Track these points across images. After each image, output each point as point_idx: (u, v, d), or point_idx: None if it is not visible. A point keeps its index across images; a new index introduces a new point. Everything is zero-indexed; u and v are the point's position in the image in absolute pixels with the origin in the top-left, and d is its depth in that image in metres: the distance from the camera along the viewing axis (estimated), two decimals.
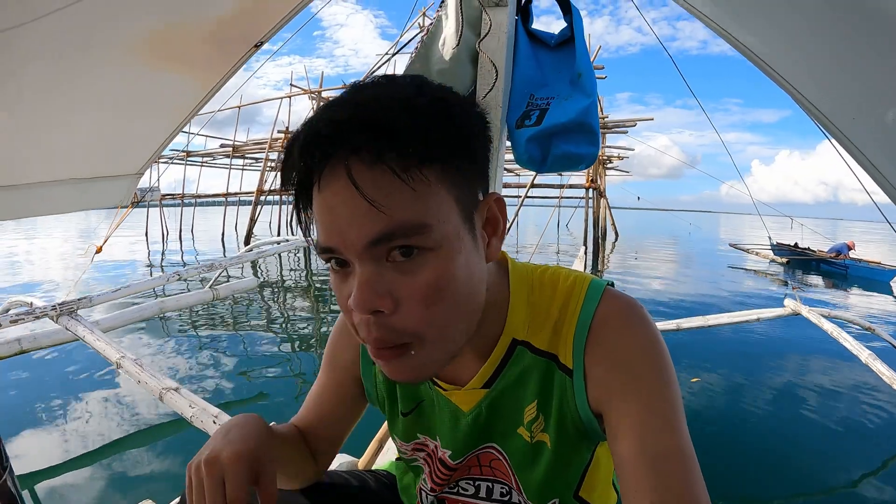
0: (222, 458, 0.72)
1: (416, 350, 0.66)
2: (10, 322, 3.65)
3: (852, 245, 17.45)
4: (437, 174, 0.62)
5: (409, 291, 0.63)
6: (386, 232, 0.60)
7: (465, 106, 0.68)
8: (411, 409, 0.94)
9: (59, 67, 1.38)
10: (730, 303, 10.64)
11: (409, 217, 0.60)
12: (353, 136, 0.58)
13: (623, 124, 20.15)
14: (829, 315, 4.54)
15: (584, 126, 1.67)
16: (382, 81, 0.66)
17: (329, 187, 0.61)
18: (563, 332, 0.78)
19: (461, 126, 0.65)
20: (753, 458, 3.90)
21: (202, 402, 2.63)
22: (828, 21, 0.99)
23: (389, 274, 0.63)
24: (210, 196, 31.04)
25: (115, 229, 3.17)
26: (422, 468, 0.98)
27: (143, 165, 2.14)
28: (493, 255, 0.73)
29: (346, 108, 0.60)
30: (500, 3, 1.65)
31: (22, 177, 1.69)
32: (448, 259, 0.63)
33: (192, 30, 1.51)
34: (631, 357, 0.73)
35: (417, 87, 0.65)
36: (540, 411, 0.82)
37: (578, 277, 0.81)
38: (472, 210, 0.68)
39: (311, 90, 21.54)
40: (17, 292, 10.09)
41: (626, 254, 22.12)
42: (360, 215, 0.59)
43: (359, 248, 0.61)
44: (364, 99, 0.61)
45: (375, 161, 0.58)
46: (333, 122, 0.59)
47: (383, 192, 0.59)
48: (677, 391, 0.72)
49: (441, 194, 0.63)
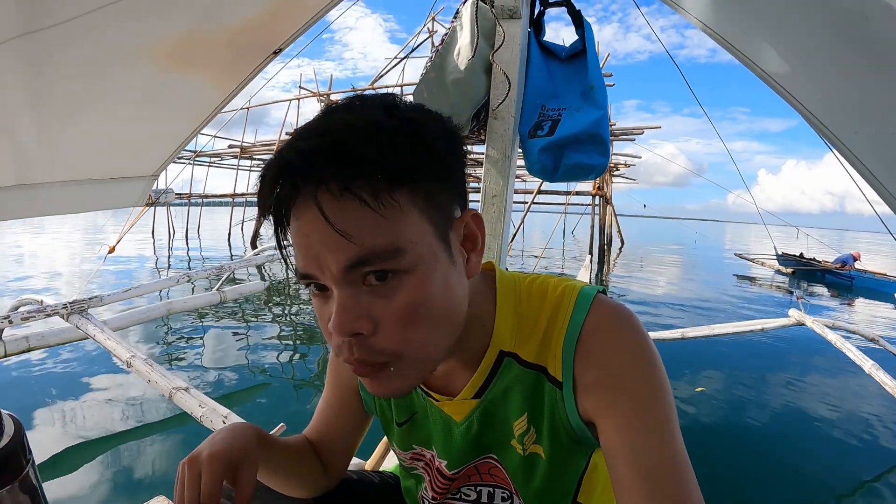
0: (202, 457, 0.76)
1: (394, 367, 0.67)
2: (21, 319, 3.68)
3: (858, 256, 17.35)
4: (407, 197, 0.62)
5: (386, 313, 0.64)
6: (358, 259, 0.61)
7: (436, 124, 0.68)
8: (405, 419, 0.95)
9: (84, 69, 1.40)
10: (734, 312, 10.59)
11: (380, 243, 0.61)
12: (319, 166, 0.59)
13: (631, 132, 20.09)
14: (833, 325, 4.54)
15: (596, 137, 1.70)
16: (355, 103, 0.67)
17: (302, 217, 0.62)
18: (551, 344, 0.77)
19: (432, 146, 0.65)
20: (756, 466, 3.90)
21: (212, 402, 2.65)
22: (832, 36, 1.01)
23: (366, 297, 0.64)
24: (217, 196, 31.05)
25: (128, 229, 3.19)
26: (422, 476, 0.99)
27: (159, 167, 2.16)
28: (474, 270, 0.73)
29: (313, 138, 0.61)
30: (514, 16, 1.68)
31: (41, 176, 1.71)
32: (424, 279, 0.64)
33: (214, 36, 1.53)
34: (620, 366, 0.72)
35: (387, 108, 0.65)
36: (531, 424, 0.81)
37: (567, 287, 0.80)
38: (448, 228, 0.69)
39: (319, 93, 21.56)
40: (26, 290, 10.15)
41: (631, 261, 22.05)
42: (333, 244, 0.61)
43: (335, 274, 0.62)
44: (331, 125, 0.62)
45: (343, 191, 0.59)
46: (301, 152, 0.60)
47: (352, 221, 0.60)
48: (669, 398, 0.72)
49: (413, 216, 0.63)
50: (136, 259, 16.70)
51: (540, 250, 15.52)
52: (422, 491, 0.99)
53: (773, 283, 16.12)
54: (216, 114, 1.92)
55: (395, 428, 0.97)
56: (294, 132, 0.66)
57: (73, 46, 1.28)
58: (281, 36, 1.65)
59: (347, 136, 0.60)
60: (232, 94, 1.84)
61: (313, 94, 21.83)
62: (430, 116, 0.68)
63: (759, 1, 1.12)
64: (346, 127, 0.61)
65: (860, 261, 17.26)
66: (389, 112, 0.64)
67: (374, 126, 0.61)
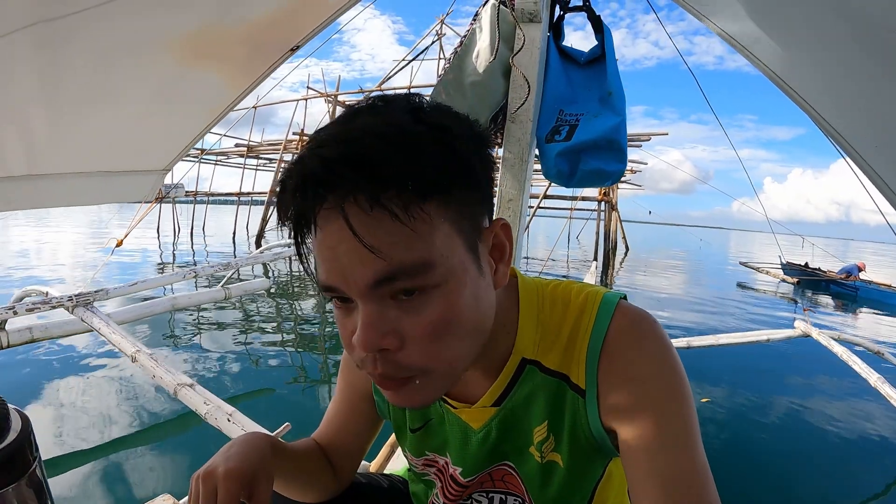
0: (218, 473, 0.76)
1: (419, 381, 0.66)
2: (27, 310, 3.68)
3: (863, 266, 17.30)
4: (438, 208, 0.60)
5: (414, 329, 0.62)
6: (387, 274, 0.59)
7: (465, 129, 0.65)
8: (419, 426, 0.94)
9: (98, 61, 1.39)
10: (739, 321, 10.58)
11: (410, 258, 0.59)
12: (347, 178, 0.56)
13: (637, 138, 20.11)
14: (838, 338, 4.52)
15: (613, 143, 1.69)
16: (378, 105, 0.64)
17: (327, 227, 0.60)
18: (575, 352, 0.77)
19: (462, 154, 0.62)
20: (760, 477, 3.88)
21: (217, 399, 2.63)
22: (850, 44, 0.99)
23: (393, 312, 0.62)
24: (223, 195, 31.16)
25: (137, 223, 3.19)
26: (433, 482, 0.98)
27: (170, 162, 2.15)
28: (501, 281, 0.72)
29: (339, 145, 0.58)
30: (534, 20, 1.67)
31: (53, 166, 1.71)
32: (454, 293, 0.63)
33: (232, 31, 1.52)
34: (644, 374, 0.72)
35: (413, 111, 0.62)
36: (551, 432, 0.81)
37: (591, 293, 0.79)
38: (477, 239, 0.67)
39: (326, 94, 21.61)
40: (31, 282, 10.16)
41: (635, 267, 22.05)
42: (361, 258, 0.58)
43: (361, 288, 0.60)
44: (357, 132, 0.58)
45: (373, 205, 0.56)
46: (325, 161, 0.57)
47: (382, 236, 0.57)
48: (692, 407, 0.71)
49: (443, 228, 0.61)
50: (140, 255, 16.74)
51: (545, 254, 15.65)
52: (432, 497, 0.98)
53: (777, 292, 16.07)
54: (229, 110, 1.92)
55: (408, 434, 0.96)
56: (315, 136, 0.63)
57: (88, 37, 1.27)
58: (299, 33, 1.64)
59: (374, 144, 0.57)
60: (246, 91, 1.83)
61: (321, 95, 21.91)
62: (457, 120, 0.66)
63: (780, 9, 1.11)
64: (372, 134, 0.58)
65: (865, 271, 17.21)
66: (416, 116, 0.61)
67: (401, 133, 0.58)
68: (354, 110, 0.64)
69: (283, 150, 23.54)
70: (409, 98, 0.66)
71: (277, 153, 24.71)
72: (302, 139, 22.27)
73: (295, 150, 23.13)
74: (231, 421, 2.50)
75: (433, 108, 0.65)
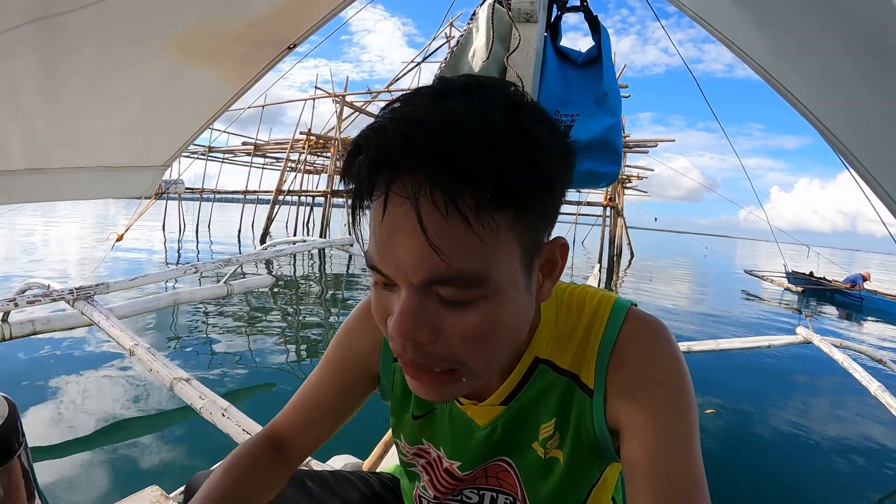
0: None
1: (447, 376, 0.65)
2: (27, 303, 3.69)
3: (868, 276, 17.25)
4: (508, 221, 0.58)
5: (451, 330, 0.61)
6: (443, 278, 0.57)
7: (555, 142, 0.61)
8: (423, 413, 0.92)
9: (98, 57, 1.40)
10: (742, 328, 10.57)
11: (470, 268, 0.57)
12: (427, 166, 0.53)
13: (644, 144, 20.10)
14: (840, 345, 4.51)
15: (608, 145, 1.69)
16: (473, 89, 0.59)
17: (392, 210, 0.57)
18: (586, 353, 0.77)
19: (546, 169, 0.58)
20: (757, 483, 3.87)
21: (212, 395, 2.64)
22: (853, 50, 0.99)
23: (434, 307, 0.60)
24: (229, 192, 31.25)
25: (137, 218, 3.19)
26: (418, 475, 0.97)
27: (170, 158, 2.16)
28: (544, 296, 0.70)
29: (427, 128, 0.54)
30: (531, 20, 1.67)
31: (53, 161, 1.71)
32: (499, 306, 0.61)
33: (227, 28, 1.52)
34: (652, 378, 0.72)
35: (510, 109, 0.58)
36: (557, 429, 0.81)
37: (604, 297, 0.80)
38: (535, 255, 0.65)
39: (335, 94, 21.66)
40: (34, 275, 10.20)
41: (640, 274, 22.02)
42: (421, 253, 0.56)
43: (412, 281, 0.59)
44: (447, 118, 0.54)
45: (448, 205, 0.54)
46: (410, 143, 0.53)
47: (450, 240, 0.55)
48: (695, 415, 0.72)
49: (508, 243, 0.59)
50: (145, 251, 16.81)
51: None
52: (419, 489, 0.97)
53: (781, 301, 16.03)
54: (228, 107, 1.92)
55: (407, 420, 0.94)
56: (401, 105, 0.58)
57: (89, 33, 1.28)
58: (295, 32, 1.64)
59: (463, 139, 0.53)
60: (244, 88, 1.84)
61: (328, 95, 21.96)
62: (550, 129, 0.61)
63: (785, 18, 1.11)
64: (463, 126, 0.54)
65: (870, 281, 17.16)
66: (512, 117, 0.57)
67: (493, 133, 0.54)
68: (448, 87, 0.60)
69: (290, 149, 23.58)
70: (506, 90, 0.62)
71: (284, 152, 24.76)
72: (309, 138, 22.31)
73: (302, 150, 23.18)
74: (226, 416, 2.50)
75: (531, 110, 0.60)
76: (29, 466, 0.64)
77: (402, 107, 0.58)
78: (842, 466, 4.37)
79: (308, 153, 23.62)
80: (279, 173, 24.27)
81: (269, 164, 31.56)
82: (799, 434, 4.94)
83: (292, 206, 29.81)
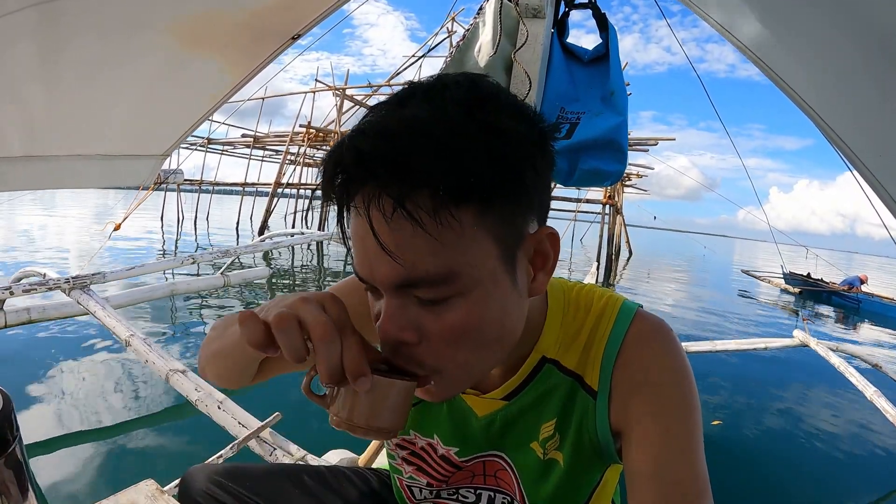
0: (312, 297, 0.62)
1: (435, 382, 0.66)
2: (23, 291, 3.68)
3: (865, 279, 17.29)
4: (473, 215, 0.57)
5: (433, 329, 0.62)
6: (407, 281, 0.58)
7: (523, 132, 0.61)
8: (418, 400, 0.89)
9: (98, 44, 1.39)
10: (738, 329, 10.57)
11: (432, 269, 0.57)
12: (375, 174, 0.55)
13: (645, 142, 20.08)
14: (836, 349, 4.52)
15: (613, 143, 1.68)
16: (436, 88, 0.60)
17: (357, 219, 0.60)
18: (591, 354, 0.77)
19: (511, 161, 0.58)
20: (752, 486, 3.87)
21: (208, 387, 2.64)
22: (864, 57, 0.98)
23: (415, 308, 0.62)
24: (228, 184, 31.23)
25: (135, 208, 3.19)
26: (398, 469, 0.97)
27: (169, 148, 2.14)
28: (539, 290, 0.69)
29: (376, 138, 0.55)
30: (538, 15, 1.66)
31: (52, 149, 1.70)
32: (478, 303, 0.61)
33: (232, 17, 1.51)
34: (657, 381, 0.72)
35: (469, 107, 0.58)
36: (557, 430, 0.80)
37: (611, 298, 0.80)
38: (517, 248, 0.64)
39: (335, 87, 21.60)
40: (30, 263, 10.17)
41: (638, 272, 22.04)
42: (383, 259, 0.58)
43: (385, 286, 0.60)
44: (399, 125, 0.55)
45: (395, 208, 0.54)
46: (359, 153, 0.55)
47: (403, 243, 0.56)
48: (699, 419, 0.72)
49: (477, 237, 0.58)
50: (144, 241, 16.78)
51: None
52: (405, 480, 0.97)
53: (778, 303, 16.04)
54: (229, 97, 1.90)
55: None
56: (363, 119, 0.60)
57: (89, 19, 1.26)
58: (300, 21, 1.63)
59: (413, 142, 0.54)
60: (246, 78, 1.82)
61: (329, 88, 21.89)
62: (517, 120, 0.61)
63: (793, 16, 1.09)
64: (414, 129, 0.55)
65: (867, 283, 17.18)
66: (471, 113, 0.57)
67: (447, 131, 0.55)
68: (411, 90, 0.61)
69: (290, 142, 23.53)
70: (472, 85, 0.61)
71: (284, 145, 24.71)
72: (308, 131, 22.26)
73: (301, 143, 23.14)
74: (221, 408, 2.50)
75: (494, 103, 0.60)
76: (23, 460, 0.63)
77: (368, 117, 0.60)
78: (836, 470, 4.37)
79: (308, 146, 23.56)
80: (278, 166, 24.23)
81: (269, 157, 31.53)
82: (794, 437, 4.94)
83: (291, 198, 29.81)
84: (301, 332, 0.58)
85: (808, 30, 1.05)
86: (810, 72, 1.16)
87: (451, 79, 0.62)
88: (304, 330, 0.58)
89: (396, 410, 0.64)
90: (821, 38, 1.04)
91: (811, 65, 1.15)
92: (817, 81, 1.16)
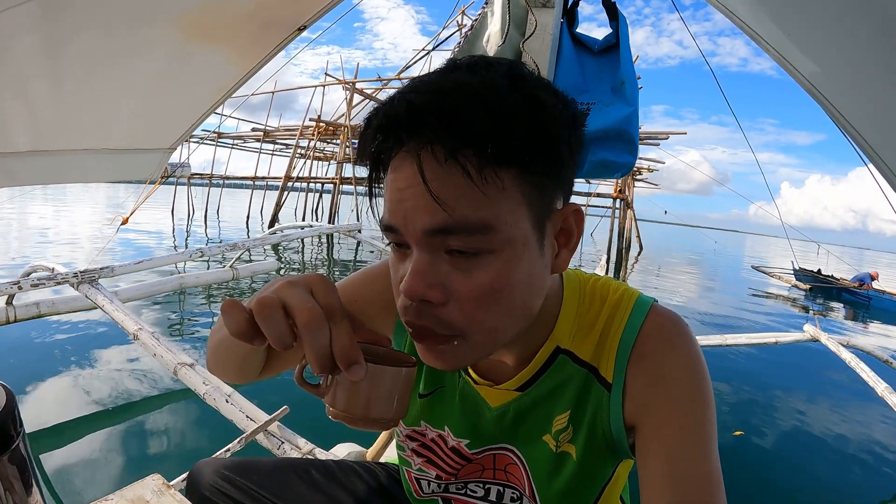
0: (299, 280, 0.59)
1: (458, 343, 0.65)
2: (32, 286, 3.70)
3: (876, 275, 17.22)
4: (513, 178, 0.59)
5: (462, 288, 0.62)
6: (446, 226, 0.59)
7: (562, 109, 0.63)
8: (429, 392, 0.92)
9: (104, 37, 1.38)
10: (749, 324, 10.54)
11: (473, 217, 0.58)
12: (429, 126, 0.56)
13: (656, 136, 20.02)
14: (847, 343, 4.49)
15: (624, 134, 1.66)
16: (480, 65, 0.63)
17: (400, 170, 0.60)
18: (606, 346, 0.77)
19: (550, 131, 0.61)
20: (759, 481, 3.85)
21: (216, 380, 2.64)
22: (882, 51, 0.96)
23: (445, 266, 0.62)
24: (238, 178, 31.37)
25: (143, 201, 3.19)
26: (407, 461, 0.96)
27: (176, 141, 2.14)
28: (562, 266, 0.71)
29: (429, 94, 0.57)
30: (547, 5, 1.64)
31: (60, 143, 1.70)
32: (509, 263, 0.62)
33: (237, 7, 1.50)
34: (673, 375, 0.72)
35: (512, 79, 0.61)
36: (571, 422, 0.80)
37: (626, 291, 0.80)
38: (546, 218, 0.65)
39: (345, 81, 21.63)
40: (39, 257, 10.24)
41: (648, 267, 21.98)
42: (424, 205, 0.58)
43: (418, 234, 0.60)
44: (450, 84, 0.58)
45: (448, 158, 0.57)
46: (411, 106, 0.57)
47: (451, 189, 0.58)
48: (713, 415, 0.71)
49: (514, 198, 0.60)
50: (156, 236, 16.86)
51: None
52: (413, 473, 0.96)
53: (788, 298, 15.96)
54: (235, 90, 1.90)
55: (414, 399, 0.93)
56: (410, 82, 0.62)
57: (94, 12, 1.26)
58: (306, 12, 1.61)
59: (464, 100, 0.56)
60: (253, 70, 1.81)
61: (339, 82, 21.94)
62: (557, 98, 0.64)
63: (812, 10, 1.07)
64: (465, 90, 0.57)
65: (878, 280, 17.08)
66: (514, 84, 0.60)
67: (494, 96, 0.57)
68: (454, 64, 0.65)
69: (300, 135, 23.58)
70: (512, 64, 0.65)
71: (293, 139, 24.78)
72: (318, 125, 22.30)
73: (311, 137, 23.18)
74: (229, 402, 2.50)
75: (535, 81, 0.63)
76: (27, 456, 0.61)
77: (411, 82, 0.62)
78: (847, 467, 4.33)
79: (317, 140, 23.61)
80: (289, 160, 24.30)
81: (279, 151, 31.62)
82: (803, 433, 4.91)
83: (301, 192, 29.89)
84: (286, 318, 0.56)
85: (826, 22, 1.03)
86: (827, 64, 1.15)
87: (491, 59, 0.65)
88: (290, 316, 0.56)
89: (396, 399, 0.63)
90: (839, 30, 1.03)
91: (828, 57, 1.13)
92: (834, 74, 1.15)
